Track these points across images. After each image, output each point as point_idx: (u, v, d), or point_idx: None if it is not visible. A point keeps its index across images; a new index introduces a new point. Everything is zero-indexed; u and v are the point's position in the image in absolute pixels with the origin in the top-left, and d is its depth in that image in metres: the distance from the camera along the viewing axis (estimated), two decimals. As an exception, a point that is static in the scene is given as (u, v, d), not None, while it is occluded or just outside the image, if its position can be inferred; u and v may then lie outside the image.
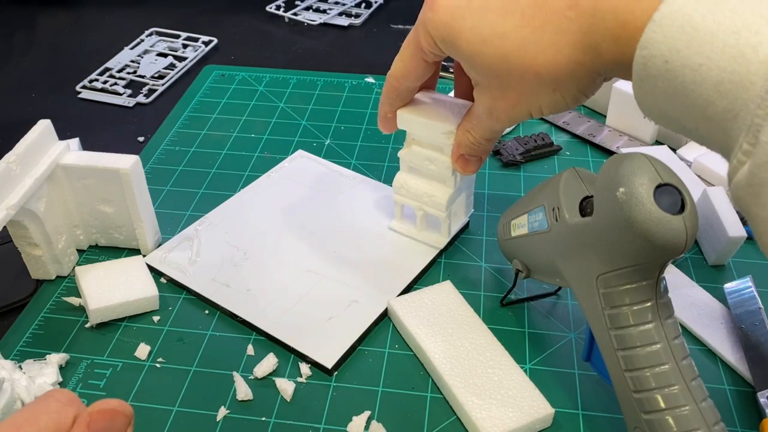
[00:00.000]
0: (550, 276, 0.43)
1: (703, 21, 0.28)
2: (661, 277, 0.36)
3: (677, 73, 0.29)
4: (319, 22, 0.88)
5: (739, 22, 0.28)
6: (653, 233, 0.33)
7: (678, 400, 0.34)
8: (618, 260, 0.35)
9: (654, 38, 0.30)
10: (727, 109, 0.28)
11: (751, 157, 0.28)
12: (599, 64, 0.34)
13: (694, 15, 0.29)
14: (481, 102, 0.41)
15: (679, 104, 0.30)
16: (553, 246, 0.40)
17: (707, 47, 0.28)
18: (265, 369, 0.44)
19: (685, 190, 0.34)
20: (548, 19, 0.34)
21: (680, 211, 0.33)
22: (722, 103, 0.28)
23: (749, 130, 0.27)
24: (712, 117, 0.29)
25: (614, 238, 0.35)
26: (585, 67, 0.35)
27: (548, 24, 0.34)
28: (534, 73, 0.36)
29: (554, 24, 0.34)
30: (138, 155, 0.50)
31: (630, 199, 0.33)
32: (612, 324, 0.36)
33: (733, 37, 0.28)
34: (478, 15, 0.36)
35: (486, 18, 0.36)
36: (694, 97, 0.29)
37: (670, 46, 0.29)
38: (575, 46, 0.34)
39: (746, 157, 0.28)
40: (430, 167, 0.49)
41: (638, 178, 0.33)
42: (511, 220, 0.46)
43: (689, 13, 0.29)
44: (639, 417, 0.35)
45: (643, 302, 0.35)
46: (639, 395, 0.35)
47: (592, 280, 0.37)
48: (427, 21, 0.39)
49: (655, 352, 0.35)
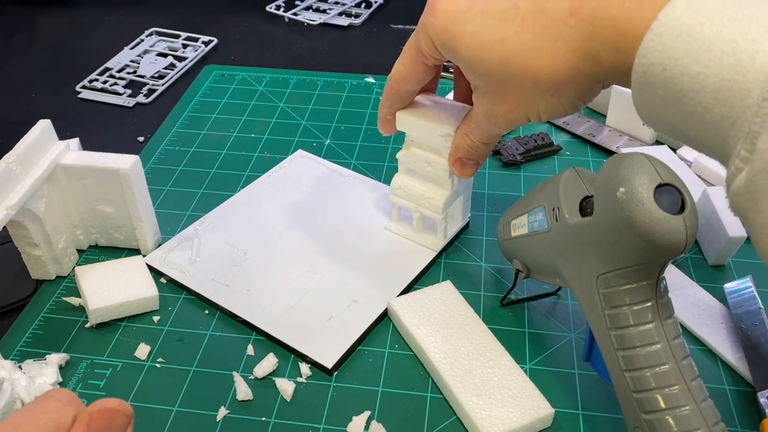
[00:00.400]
0: (550, 276, 0.43)
1: (701, 30, 0.29)
2: (662, 277, 0.36)
3: (676, 81, 0.30)
4: (319, 22, 0.88)
5: (737, 30, 0.28)
6: (653, 233, 0.33)
7: (678, 400, 0.34)
8: (618, 260, 0.35)
9: (653, 47, 0.30)
10: (725, 117, 0.29)
11: (749, 164, 0.28)
12: (598, 72, 0.34)
13: (692, 24, 0.29)
14: (480, 106, 0.41)
15: (677, 111, 0.31)
16: (553, 246, 0.40)
17: (705, 56, 0.28)
18: (265, 369, 0.44)
19: (685, 190, 0.34)
20: (548, 25, 0.34)
21: (680, 211, 0.33)
22: (720, 111, 0.29)
23: (747, 138, 0.28)
24: (710, 124, 0.29)
25: (614, 238, 0.35)
26: (584, 74, 0.35)
27: (548, 31, 0.34)
28: (533, 78, 0.36)
29: (554, 31, 0.34)
30: (138, 155, 0.50)
31: (630, 199, 0.33)
32: (612, 324, 0.36)
33: (731, 45, 0.28)
34: (478, 20, 0.37)
35: (486, 23, 0.36)
36: (693, 105, 0.30)
37: (669, 54, 0.29)
38: (575, 53, 0.34)
39: (744, 164, 0.28)
40: (427, 169, 0.49)
41: (638, 178, 0.33)
42: (511, 220, 0.46)
43: (687, 22, 0.29)
44: (639, 417, 0.35)
45: (643, 302, 0.35)
46: (639, 395, 0.35)
47: (592, 280, 0.37)
48: (427, 25, 0.39)
49: (655, 352, 0.35)
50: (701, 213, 0.53)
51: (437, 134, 0.46)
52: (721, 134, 0.29)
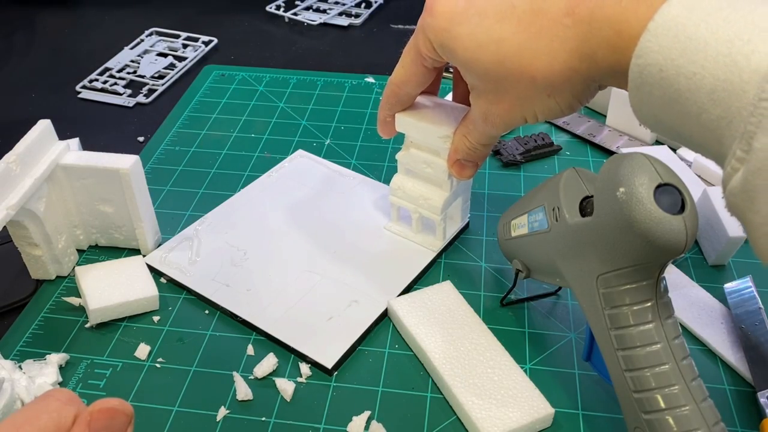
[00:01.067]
0: (550, 276, 0.43)
1: (697, 30, 0.29)
2: (662, 277, 0.36)
3: (672, 81, 0.30)
4: (319, 22, 0.88)
5: (732, 31, 0.28)
6: (653, 233, 0.33)
7: (678, 400, 0.34)
8: (618, 260, 0.35)
9: (649, 47, 0.30)
10: (721, 117, 0.29)
11: (745, 163, 0.28)
12: (595, 72, 0.34)
13: (687, 24, 0.29)
14: (477, 106, 0.41)
15: (674, 112, 0.31)
16: (553, 246, 0.40)
17: (701, 56, 0.29)
18: (265, 369, 0.44)
19: (686, 190, 0.34)
20: (545, 25, 0.34)
21: (680, 211, 0.33)
22: (716, 111, 0.29)
23: (742, 137, 0.28)
24: (706, 124, 0.30)
25: (614, 237, 0.35)
26: (580, 74, 0.35)
27: (545, 30, 0.34)
28: (529, 78, 0.36)
29: (551, 31, 0.34)
30: (138, 155, 0.50)
31: (630, 198, 0.33)
32: (612, 324, 0.36)
33: (726, 45, 0.28)
34: (475, 21, 0.37)
35: (483, 24, 0.36)
36: (689, 105, 0.30)
37: (665, 55, 0.30)
38: (571, 53, 0.34)
39: (740, 164, 0.28)
40: (426, 170, 0.49)
41: (638, 178, 0.33)
42: (511, 220, 0.46)
43: (683, 22, 0.29)
44: (639, 417, 0.35)
45: (643, 302, 0.35)
46: (639, 395, 0.35)
47: (592, 280, 0.37)
48: (426, 27, 0.39)
49: (655, 352, 0.35)
50: (701, 213, 0.53)
51: (436, 135, 0.46)
52: (717, 134, 0.29)
